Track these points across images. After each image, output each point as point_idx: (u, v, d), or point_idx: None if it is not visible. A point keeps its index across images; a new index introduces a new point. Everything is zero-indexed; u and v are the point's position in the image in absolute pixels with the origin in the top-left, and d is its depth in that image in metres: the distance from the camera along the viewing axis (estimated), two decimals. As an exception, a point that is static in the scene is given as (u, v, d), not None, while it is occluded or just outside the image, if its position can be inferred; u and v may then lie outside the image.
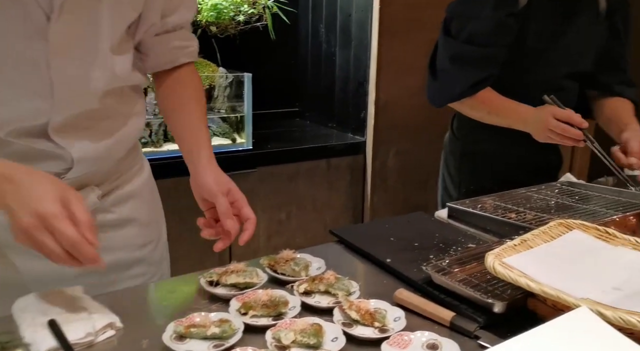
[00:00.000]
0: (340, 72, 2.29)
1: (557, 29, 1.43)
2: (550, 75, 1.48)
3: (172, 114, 1.03)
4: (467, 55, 1.40)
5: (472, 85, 1.40)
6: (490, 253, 0.81)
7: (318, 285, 0.85)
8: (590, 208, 1.20)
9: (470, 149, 1.58)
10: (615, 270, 0.80)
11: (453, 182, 1.63)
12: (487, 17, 1.37)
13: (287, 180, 2.02)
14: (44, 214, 0.67)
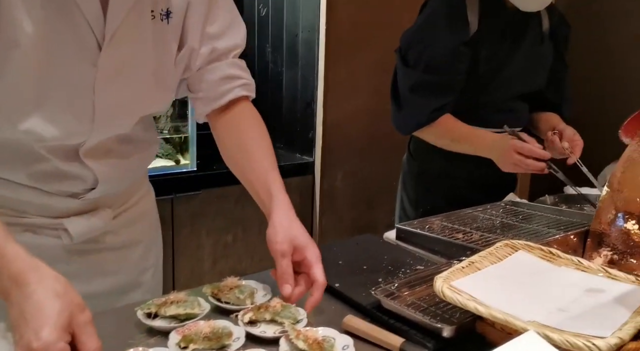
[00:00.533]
0: (288, 92, 2.27)
1: (506, 53, 1.49)
2: (502, 97, 1.54)
3: (234, 157, 0.98)
4: (426, 84, 1.45)
5: (432, 112, 1.45)
6: (439, 277, 0.80)
7: (264, 314, 0.81)
8: (534, 228, 1.22)
9: (426, 169, 1.62)
10: (559, 291, 0.81)
11: (410, 202, 1.66)
12: (442, 46, 1.43)
13: (233, 202, 1.97)
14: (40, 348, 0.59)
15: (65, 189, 0.87)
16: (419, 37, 1.47)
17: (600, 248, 1.12)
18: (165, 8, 0.87)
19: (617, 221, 1.11)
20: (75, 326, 0.63)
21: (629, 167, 1.13)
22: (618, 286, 0.82)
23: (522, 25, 1.50)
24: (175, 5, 0.88)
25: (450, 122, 1.48)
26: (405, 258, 1.10)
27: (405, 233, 1.20)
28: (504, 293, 0.79)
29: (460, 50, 1.43)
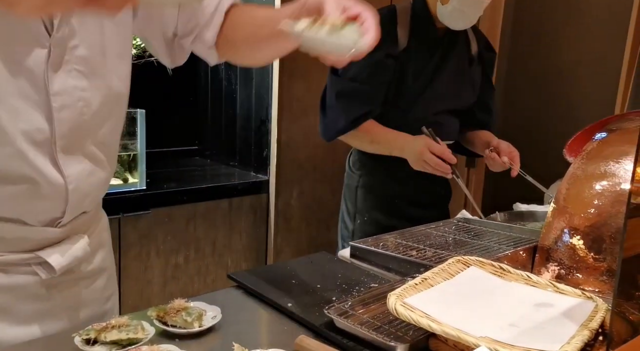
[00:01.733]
0: (242, 110, 2.25)
1: (433, 69, 1.60)
2: (429, 112, 1.62)
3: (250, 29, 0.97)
4: (350, 91, 1.53)
5: (354, 119, 1.53)
6: (392, 294, 0.79)
7: None
8: (485, 244, 1.24)
9: (363, 182, 1.68)
10: (510, 307, 0.82)
11: (349, 215, 1.72)
12: (368, 57, 1.43)
13: (184, 222, 1.91)
14: None
15: (41, 213, 0.82)
16: None
17: (548, 264, 1.14)
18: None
19: (564, 237, 1.14)
20: None
21: (573, 183, 1.17)
22: (566, 300, 0.83)
23: (449, 44, 1.61)
24: None
25: (369, 125, 1.56)
26: (359, 276, 1.09)
27: (360, 250, 1.19)
28: (456, 309, 0.79)
29: (384, 62, 1.52)
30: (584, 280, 1.09)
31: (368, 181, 1.68)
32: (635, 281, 0.83)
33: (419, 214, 1.60)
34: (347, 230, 1.72)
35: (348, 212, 1.73)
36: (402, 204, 1.66)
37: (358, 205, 1.69)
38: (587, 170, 1.17)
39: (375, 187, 1.67)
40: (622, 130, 1.24)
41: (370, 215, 1.67)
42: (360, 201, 1.69)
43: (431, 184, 1.64)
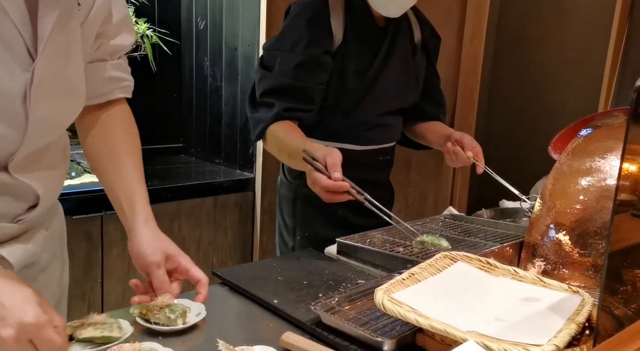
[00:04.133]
0: (227, 107, 2.23)
1: (377, 69, 1.41)
2: (372, 115, 1.45)
3: (102, 166, 0.93)
4: (280, 87, 1.33)
5: (277, 112, 1.31)
6: (379, 289, 0.78)
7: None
8: (472, 240, 1.24)
9: (304, 192, 1.41)
10: (497, 301, 0.81)
11: (287, 229, 1.51)
12: (302, 51, 1.32)
13: (168, 220, 1.88)
14: (29, 323, 0.60)
15: (8, 210, 0.80)
16: (278, 43, 1.37)
17: (534, 259, 1.14)
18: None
19: (550, 232, 1.14)
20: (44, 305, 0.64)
21: (559, 179, 1.17)
22: (552, 294, 0.83)
23: (392, 36, 1.43)
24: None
25: (289, 130, 1.30)
26: (346, 273, 1.08)
27: (346, 247, 1.19)
28: (443, 304, 0.78)
29: (321, 58, 1.34)
30: (569, 275, 1.09)
31: (307, 191, 1.25)
32: (621, 276, 0.83)
33: (364, 222, 1.31)
34: (286, 246, 1.51)
35: (286, 226, 1.51)
36: (346, 214, 1.42)
37: (297, 219, 1.48)
38: (573, 166, 1.18)
39: (314, 198, 1.27)
40: (607, 126, 1.25)
41: (312, 228, 1.46)
42: (299, 214, 1.48)
43: (374, 190, 1.30)
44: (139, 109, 1.98)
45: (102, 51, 0.90)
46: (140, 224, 0.86)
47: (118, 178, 0.91)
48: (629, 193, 0.79)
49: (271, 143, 1.34)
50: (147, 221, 0.87)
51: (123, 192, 0.90)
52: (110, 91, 0.94)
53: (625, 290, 0.83)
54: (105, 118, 0.95)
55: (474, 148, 1.42)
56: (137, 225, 0.86)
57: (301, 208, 1.48)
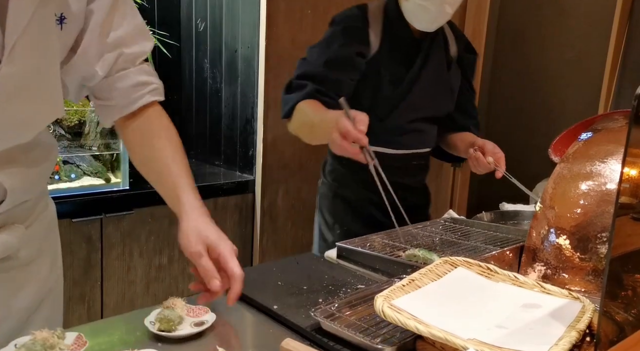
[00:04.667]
0: (227, 109, 2.22)
1: (411, 78, 1.48)
2: (405, 121, 1.52)
3: (150, 168, 0.97)
4: (314, 73, 1.40)
5: (306, 92, 1.37)
6: (379, 296, 0.78)
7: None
8: (472, 244, 1.23)
9: (342, 192, 1.59)
10: (497, 307, 0.81)
11: (327, 226, 1.62)
12: (339, 49, 1.42)
13: (168, 221, 1.88)
14: None
15: None
16: (319, 43, 1.48)
17: (535, 264, 1.14)
18: (60, 13, 0.82)
19: (550, 237, 1.14)
20: None
21: (559, 183, 1.17)
22: (553, 301, 0.83)
23: (426, 49, 1.50)
24: (71, 12, 0.84)
25: (315, 106, 1.35)
26: (346, 277, 1.08)
27: (346, 251, 1.18)
28: (444, 311, 0.78)
29: (354, 58, 1.43)
30: (570, 280, 1.09)
31: (345, 190, 1.59)
32: (621, 281, 0.83)
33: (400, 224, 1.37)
34: (325, 241, 1.62)
35: (326, 223, 1.63)
36: (379, 214, 1.51)
37: (337, 216, 1.61)
38: (573, 170, 1.17)
39: (352, 197, 1.57)
40: (607, 129, 1.25)
41: (349, 226, 1.58)
42: (339, 211, 1.60)
43: (408, 194, 1.48)
44: (138, 111, 1.98)
45: (123, 61, 0.93)
46: (183, 214, 0.90)
47: (164, 174, 0.94)
48: (629, 197, 0.79)
49: (296, 118, 1.39)
50: (189, 211, 0.90)
51: (170, 185, 0.93)
52: (140, 97, 0.96)
53: (625, 294, 0.83)
54: (143, 125, 0.98)
55: (495, 154, 1.46)
56: (182, 216, 0.90)
57: (339, 205, 1.60)
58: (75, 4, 0.84)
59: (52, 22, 0.81)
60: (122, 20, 0.92)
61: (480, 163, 1.47)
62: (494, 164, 1.45)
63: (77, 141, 1.72)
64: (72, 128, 1.69)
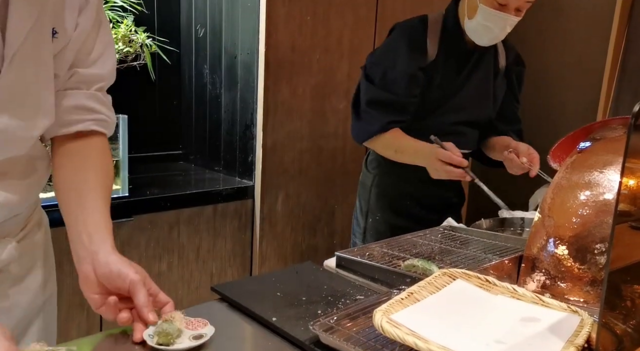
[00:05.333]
0: (226, 114, 2.23)
1: (458, 83, 1.62)
2: (446, 123, 1.66)
3: (68, 198, 0.89)
4: (383, 100, 1.58)
5: (384, 125, 1.58)
6: (378, 310, 0.78)
7: None
8: (471, 253, 1.24)
9: (378, 182, 1.73)
10: (496, 321, 0.81)
11: (362, 212, 1.76)
12: (401, 69, 1.56)
13: (167, 228, 1.88)
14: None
15: None
16: (381, 58, 1.61)
17: (533, 273, 1.14)
18: (51, 27, 0.82)
19: (549, 246, 1.14)
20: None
21: (558, 193, 1.17)
22: (551, 314, 0.83)
23: (477, 59, 1.64)
24: (64, 27, 0.83)
25: (396, 134, 1.59)
26: (345, 288, 1.08)
27: (345, 260, 1.18)
28: (442, 325, 0.78)
29: (416, 75, 1.57)
30: (569, 290, 1.09)
31: (382, 181, 1.72)
32: (620, 292, 0.83)
33: (430, 217, 1.63)
34: (359, 226, 1.76)
35: (361, 210, 1.77)
36: (413, 207, 1.70)
37: (371, 204, 1.73)
38: (572, 180, 1.18)
39: (388, 188, 1.72)
40: (605, 139, 1.25)
41: (382, 214, 1.71)
42: (373, 200, 1.73)
43: (444, 190, 1.69)
44: (138, 116, 2.00)
45: (75, 80, 0.89)
46: (108, 249, 0.83)
47: (82, 209, 0.86)
48: (628, 207, 0.79)
49: (377, 145, 1.65)
50: (114, 248, 0.84)
51: (86, 221, 0.85)
52: (81, 121, 0.90)
53: (624, 305, 0.83)
54: (79, 151, 0.91)
55: (530, 155, 1.56)
56: (104, 250, 0.82)
57: (375, 195, 1.73)
58: (69, 20, 0.84)
59: (49, 34, 0.81)
60: (95, 41, 0.89)
61: (514, 164, 1.57)
62: (528, 164, 1.53)
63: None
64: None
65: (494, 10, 1.49)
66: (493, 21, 1.50)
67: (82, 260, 0.83)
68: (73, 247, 0.85)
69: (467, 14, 1.56)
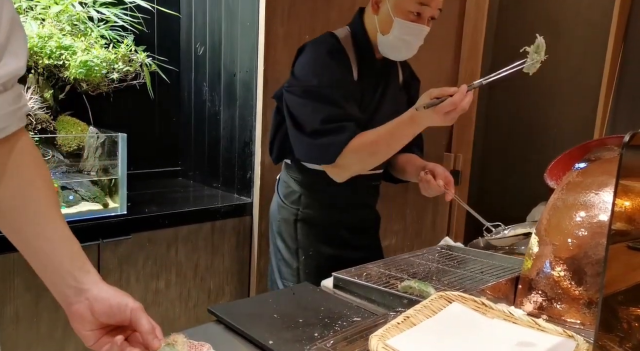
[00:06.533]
0: (225, 131, 2.24)
1: (377, 103, 1.56)
2: None
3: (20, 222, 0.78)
4: (336, 115, 1.41)
5: (352, 129, 1.40)
6: (374, 336, 0.78)
7: None
8: (467, 274, 1.24)
9: (303, 215, 1.58)
10: (492, 346, 0.81)
11: (290, 252, 1.60)
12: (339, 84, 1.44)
13: (165, 245, 1.89)
14: None
15: None
16: (315, 77, 1.45)
17: (530, 294, 1.15)
18: None
19: (545, 268, 1.15)
20: None
21: (554, 214, 1.18)
22: (547, 339, 0.84)
23: (386, 75, 1.59)
24: None
25: (365, 133, 1.41)
26: (342, 309, 1.08)
27: (342, 281, 1.19)
28: (438, 350, 0.78)
29: (353, 91, 1.48)
30: (565, 312, 1.09)
31: (308, 213, 1.57)
32: (616, 313, 0.83)
33: (359, 242, 1.59)
34: (288, 268, 1.60)
35: (288, 249, 1.60)
36: (345, 233, 1.60)
37: (300, 240, 1.59)
38: (567, 201, 1.18)
39: (316, 219, 1.57)
40: (601, 160, 1.26)
41: (315, 248, 1.58)
42: (302, 235, 1.58)
43: (366, 210, 1.65)
44: (136, 133, 2.01)
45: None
46: (98, 283, 0.79)
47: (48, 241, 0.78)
48: (625, 226, 0.79)
49: (349, 156, 1.40)
50: (101, 278, 0.80)
51: (59, 257, 0.78)
52: (6, 126, 0.77)
53: (621, 327, 0.83)
54: (15, 163, 0.79)
55: (445, 178, 1.48)
56: (95, 286, 0.78)
57: (302, 229, 1.58)
58: None
59: None
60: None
61: (431, 186, 1.48)
62: (443, 187, 1.47)
63: (76, 166, 1.73)
64: (71, 153, 1.70)
65: (411, 23, 1.43)
66: (411, 34, 1.44)
67: (73, 301, 0.78)
68: (54, 289, 0.79)
69: (380, 30, 1.48)
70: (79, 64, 1.67)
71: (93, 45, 1.78)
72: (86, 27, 1.82)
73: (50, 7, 1.72)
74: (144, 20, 2.11)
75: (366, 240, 1.65)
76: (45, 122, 1.63)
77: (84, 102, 1.87)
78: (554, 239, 1.14)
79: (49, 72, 1.74)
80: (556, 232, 1.15)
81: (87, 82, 1.76)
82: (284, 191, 1.62)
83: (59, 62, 1.68)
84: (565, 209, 1.17)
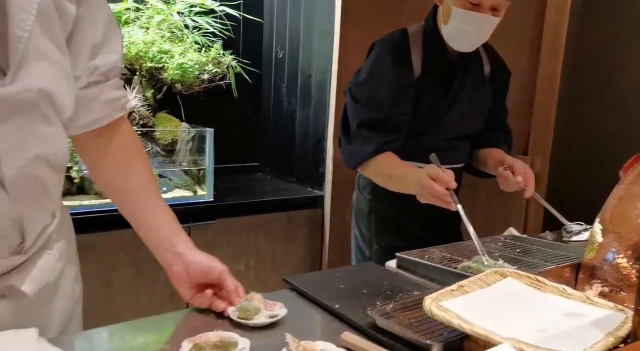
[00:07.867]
0: (300, 129, 2.38)
1: (449, 101, 1.54)
2: (443, 139, 1.58)
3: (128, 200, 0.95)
4: (374, 120, 1.47)
5: (377, 146, 1.46)
6: (428, 297, 0.86)
7: None
8: (529, 260, 1.27)
9: (377, 207, 1.63)
10: (542, 314, 0.86)
11: (364, 241, 1.66)
12: (390, 86, 1.48)
13: (246, 232, 2.05)
14: None
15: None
16: (367, 77, 1.51)
17: (592, 281, 1.16)
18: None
19: (608, 255, 1.16)
20: None
21: (619, 203, 1.19)
22: (597, 311, 0.87)
23: (463, 69, 1.55)
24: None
25: (390, 158, 1.46)
26: (403, 285, 1.15)
27: (406, 261, 1.26)
28: (488, 314, 0.85)
29: (406, 90, 1.48)
30: (628, 298, 1.10)
31: (380, 205, 1.63)
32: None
33: (432, 236, 1.49)
34: (362, 255, 1.66)
35: (363, 238, 1.66)
36: (415, 228, 1.61)
37: (373, 230, 1.64)
38: (632, 190, 1.19)
39: (387, 212, 1.63)
40: (670, 152, 1.25)
41: (386, 241, 1.62)
42: (374, 226, 1.64)
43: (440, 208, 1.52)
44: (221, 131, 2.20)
45: (96, 74, 0.85)
46: (191, 249, 0.95)
47: (149, 215, 0.94)
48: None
49: (371, 169, 1.50)
50: (194, 245, 0.96)
51: (159, 228, 0.95)
52: (110, 113, 0.91)
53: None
54: (118, 146, 0.93)
55: (525, 174, 1.45)
56: (189, 251, 0.95)
57: (375, 221, 1.64)
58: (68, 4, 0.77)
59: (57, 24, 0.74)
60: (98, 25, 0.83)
61: (508, 182, 1.46)
62: (522, 183, 1.43)
63: (170, 157, 1.94)
64: (166, 146, 1.92)
65: (468, 12, 1.40)
66: (468, 22, 1.41)
67: (172, 263, 0.94)
68: (156, 253, 0.96)
69: (443, 20, 1.47)
70: (176, 66, 1.88)
71: (188, 49, 2.00)
72: (182, 34, 2.04)
73: (153, 17, 1.95)
74: (231, 27, 2.30)
75: (443, 236, 1.56)
76: (146, 118, 1.86)
77: (177, 101, 2.09)
78: (618, 227, 1.16)
79: (150, 74, 1.97)
80: (620, 219, 1.16)
81: (182, 82, 1.98)
82: (362, 182, 1.69)
83: (159, 65, 1.91)
84: (629, 198, 1.18)
